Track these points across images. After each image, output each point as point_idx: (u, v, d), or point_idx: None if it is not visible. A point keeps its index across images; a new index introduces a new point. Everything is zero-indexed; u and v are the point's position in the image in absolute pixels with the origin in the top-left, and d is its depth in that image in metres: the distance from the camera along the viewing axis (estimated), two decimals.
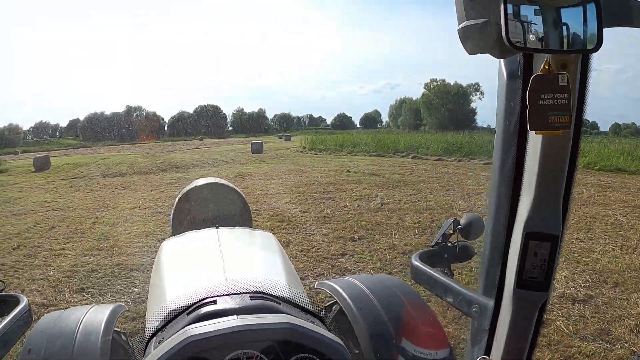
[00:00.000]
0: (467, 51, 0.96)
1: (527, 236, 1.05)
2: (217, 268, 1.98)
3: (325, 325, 1.76)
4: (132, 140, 71.25)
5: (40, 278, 6.62)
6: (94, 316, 1.88)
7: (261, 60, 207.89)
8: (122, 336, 2.09)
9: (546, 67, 0.90)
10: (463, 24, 0.93)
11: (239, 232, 2.95)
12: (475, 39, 0.93)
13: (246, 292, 1.66)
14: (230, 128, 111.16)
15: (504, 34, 0.84)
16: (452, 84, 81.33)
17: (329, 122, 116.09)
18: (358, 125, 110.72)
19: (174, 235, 3.33)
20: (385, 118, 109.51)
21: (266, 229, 4.66)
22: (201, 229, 2.97)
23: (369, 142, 31.39)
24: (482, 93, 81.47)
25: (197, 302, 1.63)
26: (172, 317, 1.63)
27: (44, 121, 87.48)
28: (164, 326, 1.62)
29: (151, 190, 15.45)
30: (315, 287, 2.23)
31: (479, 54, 0.96)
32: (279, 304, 1.62)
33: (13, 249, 8.33)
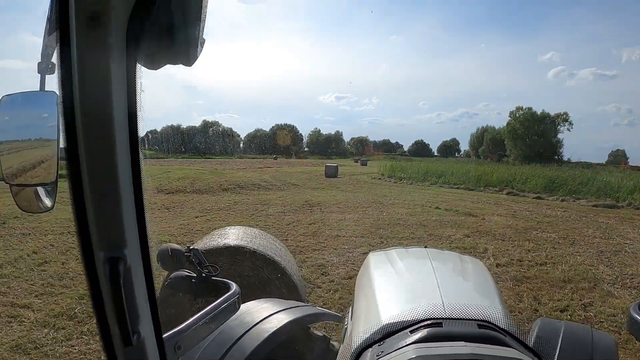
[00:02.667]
0: None
1: None
2: (432, 289, 1.93)
3: None
4: (205, 155, 73.51)
5: None
6: (291, 313, 2.16)
7: (341, 84, 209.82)
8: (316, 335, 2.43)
9: None
10: None
11: (448, 254, 2.78)
12: None
13: (473, 319, 1.58)
14: (306, 149, 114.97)
15: None
16: (539, 112, 77.12)
17: (405, 148, 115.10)
18: (435, 153, 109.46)
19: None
20: (463, 147, 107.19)
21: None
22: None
23: (455, 173, 28.75)
24: (570, 124, 77.34)
25: (421, 321, 1.59)
26: (392, 332, 1.60)
27: None
28: (381, 339, 1.59)
29: (195, 217, 13.41)
30: (537, 324, 1.97)
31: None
32: (505, 336, 1.50)
33: None
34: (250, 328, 1.94)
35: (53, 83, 0.83)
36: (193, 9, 0.72)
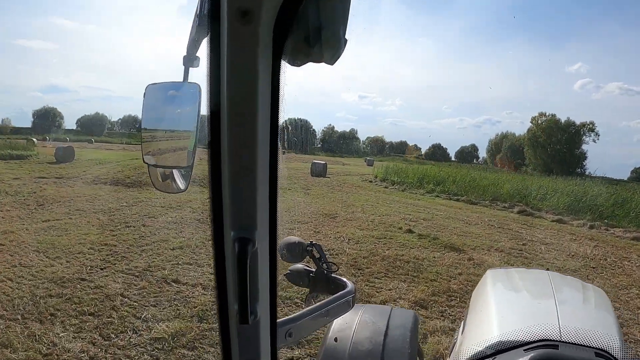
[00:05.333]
0: None
1: None
2: (551, 312, 1.93)
3: None
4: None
5: None
6: (399, 320, 2.13)
7: (363, 82, 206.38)
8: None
9: None
10: None
11: (570, 280, 2.74)
12: None
13: (590, 347, 1.60)
14: (319, 145, 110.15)
15: None
16: (562, 120, 71.89)
17: (423, 151, 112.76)
18: (453, 158, 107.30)
19: None
20: (482, 154, 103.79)
21: None
22: None
23: (459, 181, 23.78)
24: (597, 134, 71.72)
25: (537, 341, 1.63)
26: (505, 349, 1.65)
27: (132, 115, 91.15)
28: (493, 354, 1.65)
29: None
30: None
31: None
32: None
33: None
34: (356, 326, 2.03)
35: (197, 76, 0.93)
36: (339, 7, 0.74)
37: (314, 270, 1.63)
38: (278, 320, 0.94)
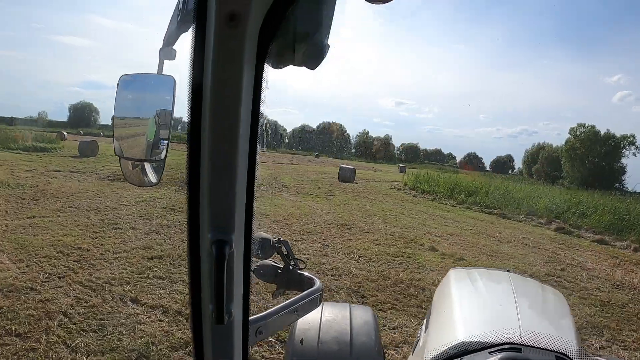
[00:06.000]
0: None
1: None
2: (511, 314, 1.94)
3: None
4: None
5: None
6: (360, 316, 2.25)
7: (400, 89, 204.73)
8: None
9: None
10: None
11: (530, 282, 2.76)
12: None
13: (552, 350, 1.61)
14: (353, 150, 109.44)
15: None
16: (602, 132, 70.01)
17: (458, 160, 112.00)
18: (488, 168, 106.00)
19: None
20: (518, 164, 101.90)
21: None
22: None
23: (492, 192, 22.21)
24: (637, 148, 68.98)
25: (500, 344, 1.65)
26: (469, 351, 1.66)
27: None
28: (456, 355, 1.66)
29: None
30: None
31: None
32: None
33: None
34: (320, 326, 2.10)
35: (171, 68, 0.95)
36: (324, 15, 0.75)
37: (281, 266, 1.60)
38: (250, 318, 0.93)
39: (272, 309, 1.13)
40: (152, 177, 1.06)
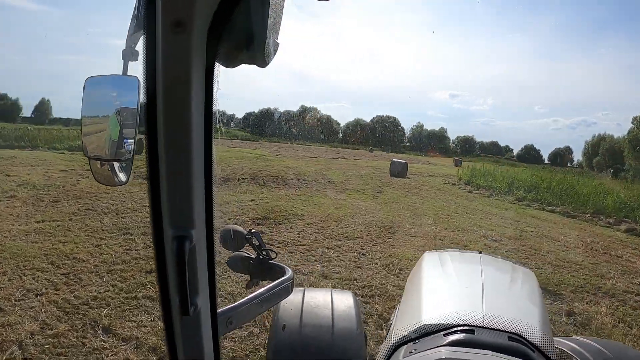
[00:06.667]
0: None
1: None
2: (476, 296, 1.95)
3: None
4: (298, 141, 71.91)
5: None
6: (342, 301, 2.23)
7: (454, 81, 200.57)
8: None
9: None
10: None
11: (502, 263, 2.75)
12: None
13: (505, 331, 1.65)
14: (407, 144, 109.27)
15: None
16: None
17: (515, 152, 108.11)
18: (546, 161, 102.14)
19: None
20: (577, 157, 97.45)
21: None
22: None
23: (554, 187, 20.29)
24: None
25: (455, 325, 1.66)
26: (427, 333, 1.69)
27: (220, 110, 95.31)
28: (416, 338, 1.69)
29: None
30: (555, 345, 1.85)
31: None
32: (533, 352, 1.57)
33: None
34: (302, 312, 2.10)
35: (135, 69, 0.95)
36: (270, 14, 0.77)
37: (253, 257, 1.59)
38: (219, 310, 0.95)
39: (243, 300, 1.12)
40: (121, 176, 1.06)
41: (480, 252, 2.78)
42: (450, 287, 2.23)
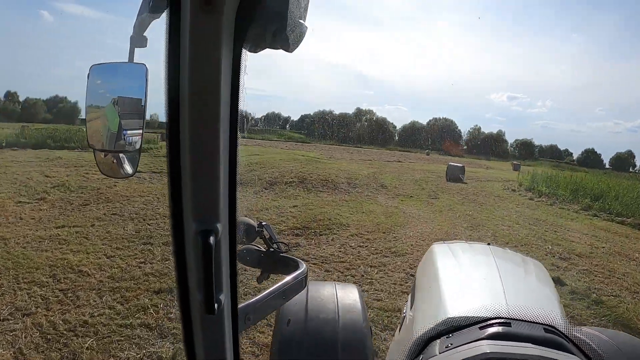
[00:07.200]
0: None
1: None
2: (497, 288, 1.93)
3: None
4: (353, 143, 72.65)
5: None
6: (347, 294, 2.17)
7: (512, 83, 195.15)
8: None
9: None
10: None
11: (511, 254, 2.73)
12: None
13: (540, 323, 1.57)
14: (464, 147, 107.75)
15: None
16: None
17: (574, 156, 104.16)
18: (607, 166, 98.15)
19: None
20: (638, 161, 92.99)
21: None
22: None
23: (624, 196, 18.50)
24: None
25: (488, 319, 1.61)
26: (460, 327, 1.63)
27: (276, 112, 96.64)
28: (447, 332, 1.63)
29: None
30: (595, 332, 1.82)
31: None
32: (568, 343, 1.51)
33: None
34: (307, 306, 2.05)
35: (143, 56, 0.93)
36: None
37: (264, 250, 1.54)
38: (239, 306, 0.92)
39: (259, 295, 1.07)
40: (128, 168, 1.03)
41: (489, 244, 2.76)
42: (469, 279, 2.20)
